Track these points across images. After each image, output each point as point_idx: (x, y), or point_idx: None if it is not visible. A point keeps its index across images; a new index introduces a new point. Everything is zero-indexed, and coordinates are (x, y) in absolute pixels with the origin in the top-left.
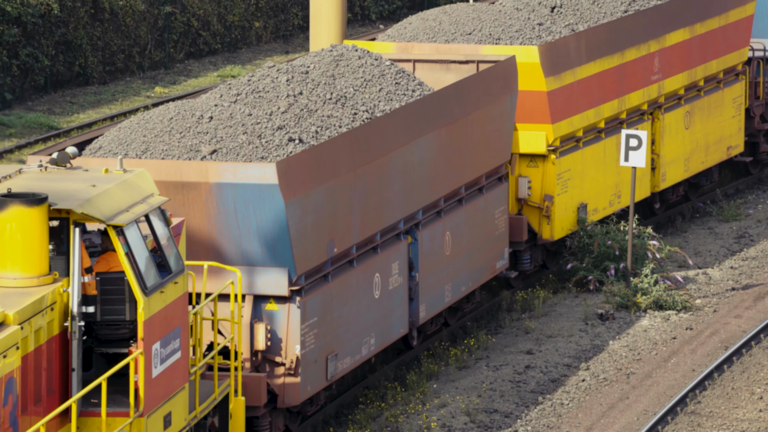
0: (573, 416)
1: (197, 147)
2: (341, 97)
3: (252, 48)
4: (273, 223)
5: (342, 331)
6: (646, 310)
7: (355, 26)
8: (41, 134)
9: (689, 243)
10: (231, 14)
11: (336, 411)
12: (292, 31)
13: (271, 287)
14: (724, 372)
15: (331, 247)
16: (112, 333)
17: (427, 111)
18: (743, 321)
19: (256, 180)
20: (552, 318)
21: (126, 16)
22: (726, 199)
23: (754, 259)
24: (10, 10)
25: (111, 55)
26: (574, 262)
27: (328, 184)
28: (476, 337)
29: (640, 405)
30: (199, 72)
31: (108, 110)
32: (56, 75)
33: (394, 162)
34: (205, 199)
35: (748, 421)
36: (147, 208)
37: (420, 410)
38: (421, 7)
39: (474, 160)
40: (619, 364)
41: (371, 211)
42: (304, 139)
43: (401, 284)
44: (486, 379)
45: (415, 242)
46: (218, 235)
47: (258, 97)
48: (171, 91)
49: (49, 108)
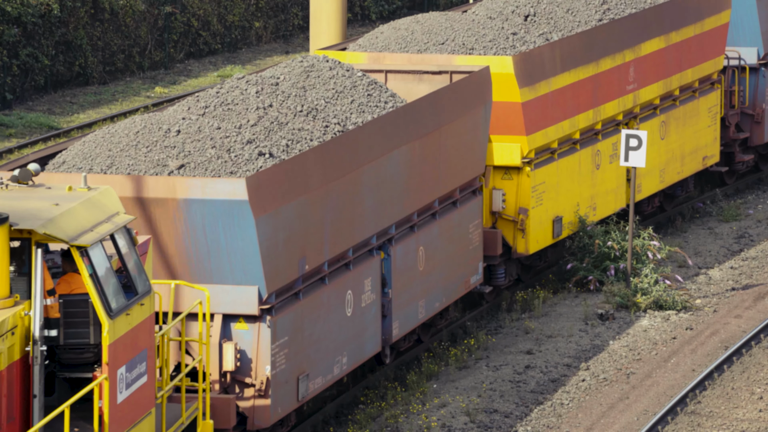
0: (573, 416)
1: (164, 161)
2: (312, 109)
3: (252, 48)
4: (243, 241)
5: (313, 351)
6: (646, 310)
7: (355, 26)
8: (41, 134)
9: (689, 243)
10: (231, 14)
11: (336, 411)
12: (292, 31)
13: (240, 306)
14: (724, 372)
15: (303, 264)
16: (75, 357)
17: (401, 123)
18: (743, 321)
19: (226, 196)
20: (552, 318)
21: (126, 16)
22: (726, 199)
23: (754, 259)
24: (10, 10)
25: (111, 55)
26: (574, 262)
27: (300, 200)
28: (476, 337)
29: (640, 405)
30: (199, 72)
31: (108, 110)
32: (56, 75)
33: (366, 176)
34: (172, 215)
35: (748, 421)
36: (112, 227)
37: (420, 410)
38: (420, 8)
39: (448, 173)
40: (619, 364)
41: (343, 226)
42: (274, 153)
43: (374, 301)
44: (486, 379)
45: (388, 258)
46: (186, 253)
47: (227, 110)
48: (171, 91)
49: (49, 108)
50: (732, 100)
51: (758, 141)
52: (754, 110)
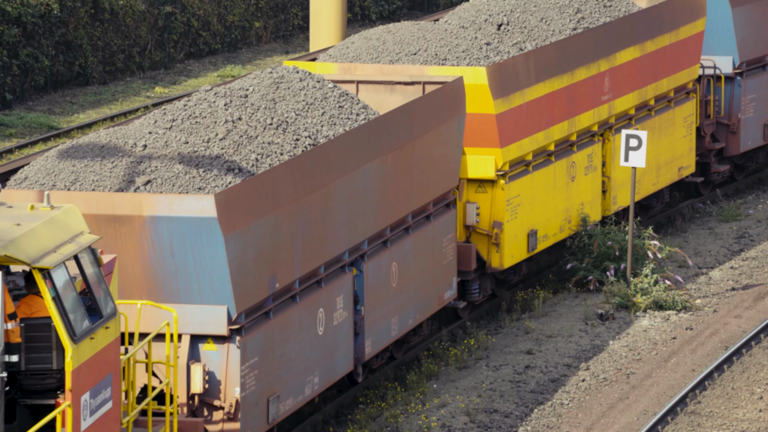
0: (573, 416)
1: (130, 177)
2: (282, 122)
3: (252, 48)
4: (211, 259)
5: (284, 371)
6: (646, 310)
7: (355, 26)
8: (41, 134)
9: (689, 243)
10: (231, 14)
11: (336, 411)
12: (292, 31)
13: (209, 326)
14: (724, 372)
15: (273, 282)
16: (37, 383)
17: (373, 136)
18: (743, 321)
19: (194, 213)
20: (552, 318)
21: (126, 16)
22: (726, 199)
23: (754, 259)
24: (10, 10)
25: (111, 55)
26: (574, 262)
27: (270, 216)
28: (476, 337)
29: (640, 405)
30: (199, 72)
31: (108, 110)
32: (56, 75)
33: (338, 191)
34: (138, 233)
35: (748, 421)
36: (76, 248)
37: (420, 410)
38: (420, 8)
39: (421, 186)
40: (619, 364)
41: (315, 242)
42: (243, 168)
43: (346, 319)
44: (486, 379)
45: (361, 274)
46: (153, 272)
47: (194, 123)
48: (171, 91)
49: (49, 108)
50: (707, 110)
51: (734, 151)
52: (729, 120)
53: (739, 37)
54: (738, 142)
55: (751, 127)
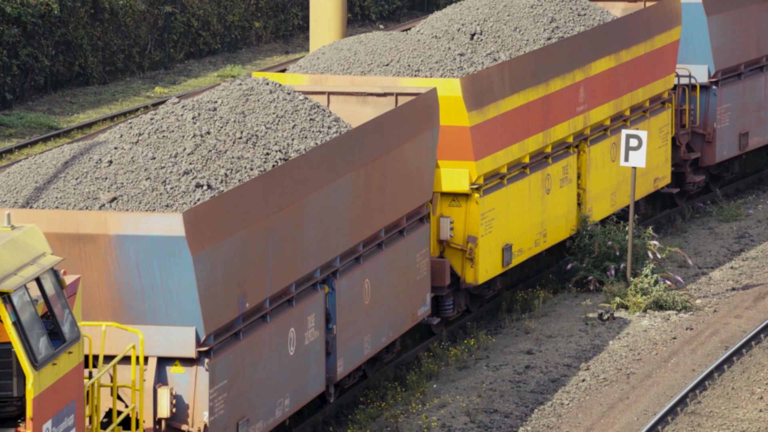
0: (573, 416)
1: (95, 194)
2: (252, 135)
3: (252, 48)
4: (179, 279)
5: (254, 394)
6: (646, 310)
7: (355, 26)
8: (41, 134)
9: (689, 243)
10: (231, 14)
11: (336, 411)
12: (292, 31)
13: (176, 348)
14: (724, 372)
15: (243, 302)
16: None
17: (345, 150)
18: (743, 321)
19: (161, 232)
20: (552, 318)
21: (126, 16)
22: (726, 199)
23: (754, 259)
24: (10, 10)
25: (111, 55)
26: (574, 262)
27: (240, 234)
28: (476, 337)
29: (640, 405)
30: (199, 72)
31: (108, 110)
32: (56, 75)
33: (310, 206)
34: (104, 252)
35: (748, 421)
36: (38, 270)
37: (420, 410)
38: (420, 8)
39: (394, 200)
40: (619, 364)
41: (286, 260)
42: (212, 185)
43: (318, 338)
44: (486, 379)
45: (333, 292)
46: (119, 292)
47: (162, 138)
48: (171, 91)
49: (49, 108)
50: (683, 120)
51: (709, 161)
52: (705, 130)
53: (715, 45)
54: (713, 152)
55: (727, 136)
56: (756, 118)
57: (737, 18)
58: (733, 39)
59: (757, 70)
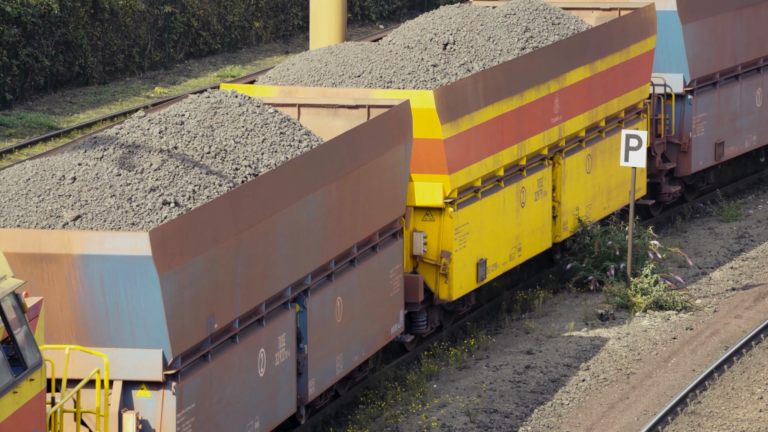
0: (573, 416)
1: (58, 212)
2: (221, 150)
3: (252, 48)
4: (146, 300)
5: (223, 417)
6: (646, 310)
7: (355, 26)
8: (41, 134)
9: (689, 243)
10: (231, 14)
11: (336, 411)
12: (292, 31)
13: (142, 372)
14: (724, 372)
15: (211, 322)
16: None
17: (317, 165)
18: (743, 321)
19: (127, 251)
20: (552, 318)
21: (126, 16)
22: (726, 199)
23: (754, 259)
24: (10, 10)
25: (111, 55)
26: (574, 262)
27: (208, 253)
28: (476, 337)
29: (640, 405)
30: (199, 72)
31: (108, 110)
32: (56, 75)
33: (280, 223)
34: (67, 273)
35: (748, 421)
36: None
37: (420, 410)
38: (420, 8)
39: (367, 216)
40: (619, 364)
41: (256, 279)
42: (180, 202)
43: (288, 359)
44: (486, 379)
45: (304, 310)
46: (83, 314)
47: (127, 153)
48: (171, 91)
49: (49, 108)
50: (658, 129)
51: (685, 171)
52: (680, 140)
53: (690, 54)
54: (689, 162)
55: (703, 146)
56: (732, 127)
57: (712, 26)
58: (708, 47)
59: (732, 78)
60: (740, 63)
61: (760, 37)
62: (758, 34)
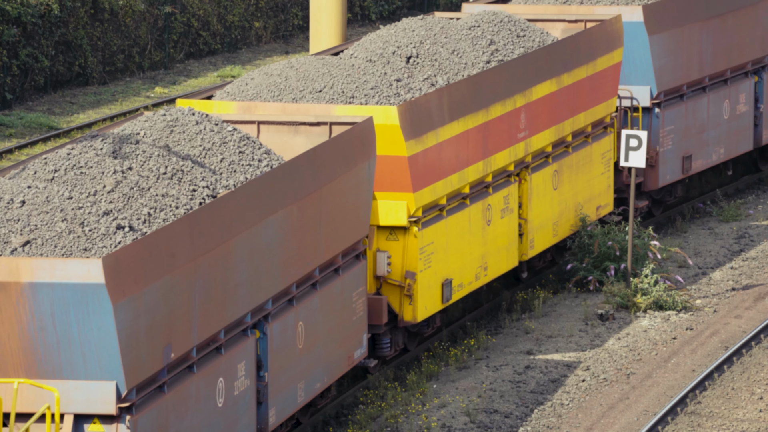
0: (573, 416)
1: (6, 237)
2: (177, 171)
3: (252, 48)
4: (98, 330)
5: None
6: (646, 310)
7: (355, 26)
8: (41, 134)
9: (689, 243)
10: (231, 14)
11: (336, 411)
12: (292, 31)
13: (95, 405)
14: (724, 372)
15: (168, 352)
16: None
17: (277, 185)
18: (743, 321)
19: (79, 279)
20: (552, 318)
21: (126, 16)
22: (726, 199)
23: (754, 259)
24: (10, 10)
25: (111, 55)
26: (574, 263)
27: (164, 279)
28: (476, 337)
29: (640, 405)
30: (199, 72)
31: (108, 110)
32: (56, 75)
33: (240, 247)
34: (15, 302)
35: (748, 422)
36: None
37: (420, 410)
38: (420, 8)
39: (329, 237)
40: (619, 364)
41: (214, 305)
42: (134, 226)
43: (248, 387)
44: (486, 379)
45: (264, 337)
46: (32, 345)
47: (79, 174)
48: (171, 91)
49: (49, 108)
50: None
51: (652, 186)
52: (647, 153)
53: (657, 65)
54: (656, 177)
55: (670, 160)
56: (699, 140)
57: (679, 37)
58: (675, 59)
59: (699, 90)
60: (707, 75)
61: (727, 49)
62: (725, 45)
